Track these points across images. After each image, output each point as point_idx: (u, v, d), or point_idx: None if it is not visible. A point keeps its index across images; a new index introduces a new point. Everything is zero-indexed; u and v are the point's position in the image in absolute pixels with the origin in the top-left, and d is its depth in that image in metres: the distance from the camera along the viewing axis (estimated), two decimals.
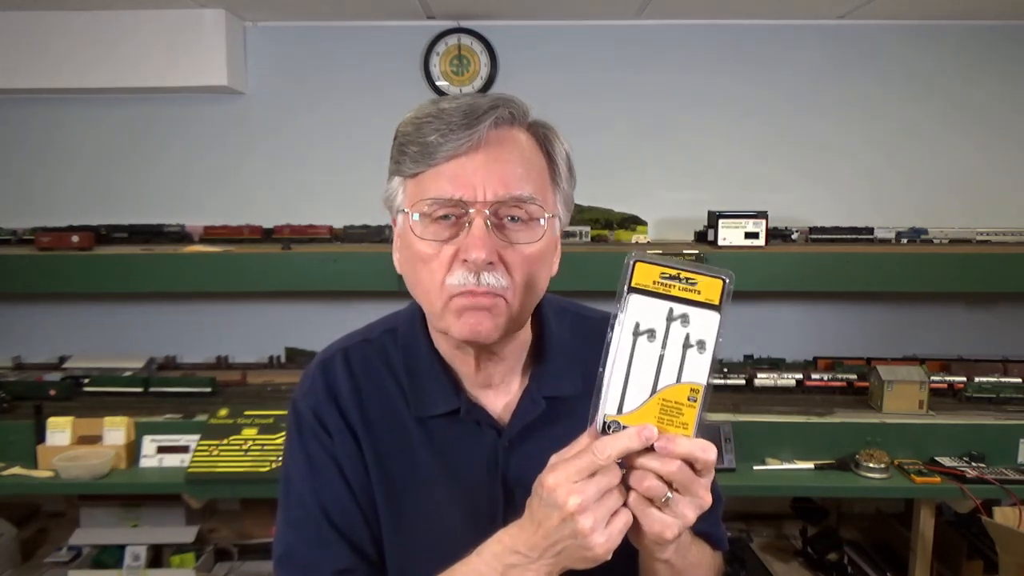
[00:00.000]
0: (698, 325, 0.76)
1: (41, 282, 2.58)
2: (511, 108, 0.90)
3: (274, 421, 2.35)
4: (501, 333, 0.90)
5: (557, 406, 0.98)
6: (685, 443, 0.75)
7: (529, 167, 0.90)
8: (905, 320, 3.04)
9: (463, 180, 0.87)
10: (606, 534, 0.75)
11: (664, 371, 0.76)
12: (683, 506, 0.76)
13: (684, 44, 2.97)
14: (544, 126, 0.94)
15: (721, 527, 1.07)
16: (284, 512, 1.00)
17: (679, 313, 0.76)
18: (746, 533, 2.83)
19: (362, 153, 2.95)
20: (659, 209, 2.98)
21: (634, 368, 0.76)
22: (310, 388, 1.01)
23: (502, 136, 0.89)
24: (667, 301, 0.76)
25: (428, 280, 0.90)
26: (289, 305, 3.05)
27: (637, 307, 0.76)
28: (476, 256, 0.86)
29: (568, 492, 0.74)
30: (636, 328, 0.76)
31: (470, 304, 0.88)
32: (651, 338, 0.76)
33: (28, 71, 2.79)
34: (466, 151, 0.87)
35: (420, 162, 0.89)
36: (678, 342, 0.76)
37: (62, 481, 2.27)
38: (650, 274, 0.76)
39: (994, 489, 2.20)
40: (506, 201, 0.88)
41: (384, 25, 2.96)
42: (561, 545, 0.77)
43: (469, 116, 0.87)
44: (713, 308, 0.76)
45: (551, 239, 0.93)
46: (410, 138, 0.90)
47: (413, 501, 0.98)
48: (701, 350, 0.76)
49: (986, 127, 2.97)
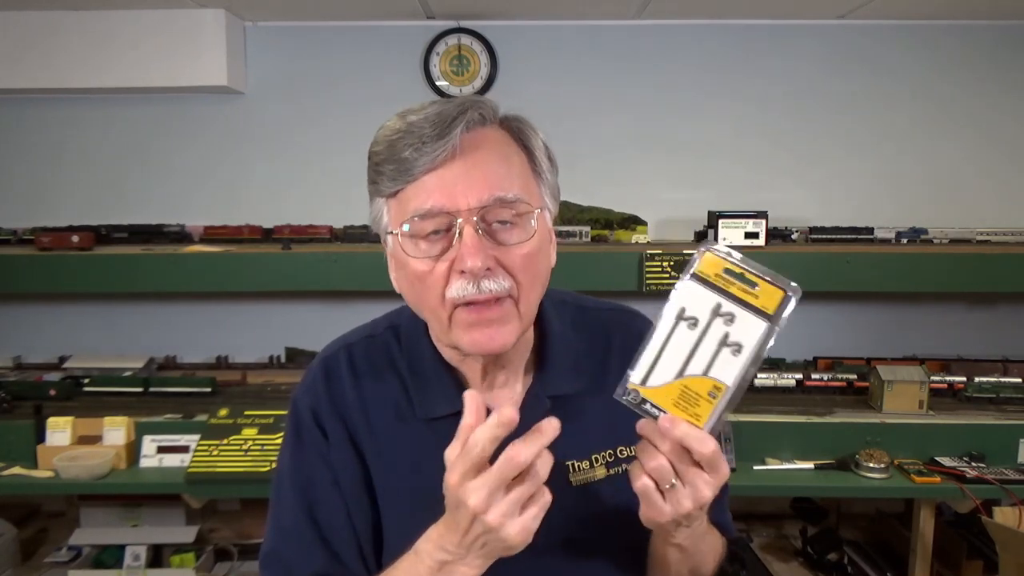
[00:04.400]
0: (741, 327, 0.75)
1: (41, 282, 2.58)
2: (480, 109, 0.87)
3: (274, 421, 2.35)
4: (513, 341, 0.89)
5: (562, 404, 0.97)
6: (683, 427, 0.75)
7: (509, 166, 0.89)
8: (905, 320, 3.04)
9: (445, 191, 0.85)
10: (519, 524, 0.75)
11: (694, 360, 0.76)
12: (681, 495, 0.77)
13: (684, 44, 2.97)
14: (517, 119, 0.93)
15: (728, 514, 1.08)
16: (274, 512, 1.00)
17: (726, 310, 0.76)
18: (746, 533, 2.83)
19: (362, 153, 2.93)
20: (659, 209, 2.98)
21: (668, 348, 0.76)
22: (310, 385, 1.01)
23: (476, 139, 0.87)
24: (719, 296, 0.76)
25: (429, 297, 0.89)
26: (289, 305, 3.05)
27: (687, 293, 0.77)
28: (472, 264, 0.84)
29: (466, 492, 0.74)
30: (681, 312, 0.76)
31: (476, 320, 0.87)
32: (692, 326, 0.76)
33: (28, 71, 2.79)
34: (443, 162, 0.85)
35: (398, 179, 0.88)
36: (716, 337, 0.76)
37: (62, 481, 2.27)
38: (715, 266, 0.76)
39: (994, 489, 2.20)
40: (492, 205, 0.86)
41: (384, 25, 2.97)
42: (481, 540, 0.77)
43: (439, 125, 0.85)
44: (764, 316, 0.75)
45: (544, 233, 0.92)
46: (383, 157, 0.89)
47: (415, 500, 0.97)
48: (736, 352, 0.75)
49: (987, 127, 2.97)
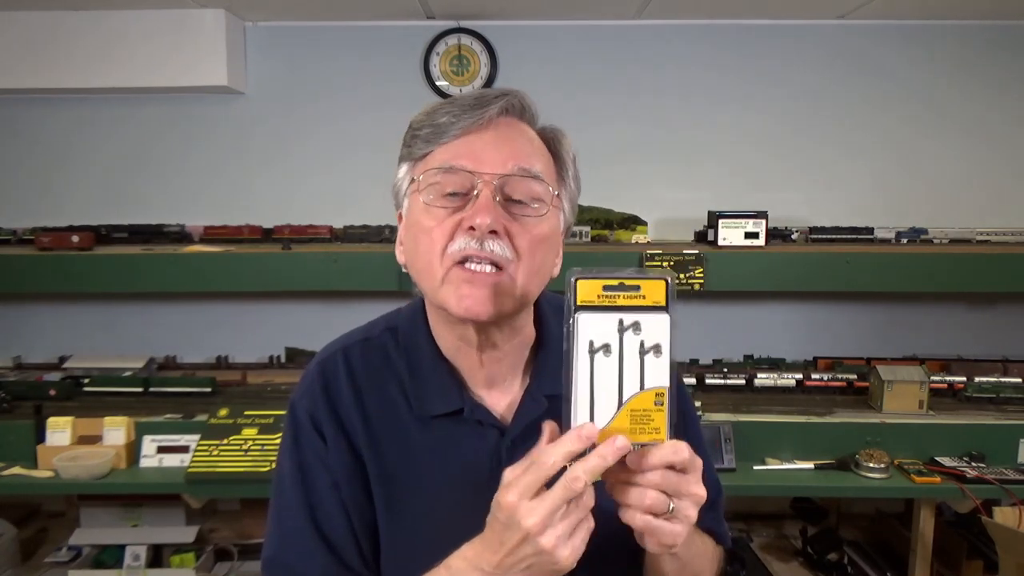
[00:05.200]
0: (650, 330, 0.75)
1: (41, 282, 2.58)
2: (521, 100, 0.93)
3: (274, 421, 2.35)
4: (500, 310, 0.89)
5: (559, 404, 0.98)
6: (655, 453, 0.74)
7: (538, 151, 0.93)
8: (905, 320, 3.04)
9: (472, 155, 0.89)
10: (570, 546, 0.74)
11: (627, 382, 0.75)
12: (685, 509, 0.76)
13: (684, 44, 2.97)
14: (553, 129, 0.97)
15: (724, 524, 1.07)
16: (274, 515, 1.00)
17: (630, 322, 0.75)
18: (746, 533, 2.83)
19: (362, 153, 2.96)
20: (659, 209, 2.98)
21: (597, 384, 0.76)
22: (308, 389, 1.01)
23: (511, 123, 0.92)
24: (615, 312, 0.75)
25: (428, 249, 0.89)
26: (289, 305, 3.05)
27: (587, 324, 0.76)
28: (481, 221, 0.85)
29: (526, 511, 0.73)
30: (591, 346, 0.76)
31: (470, 279, 0.87)
32: (607, 352, 0.75)
33: (27, 71, 2.79)
34: (475, 129, 0.90)
35: (431, 142, 0.91)
36: (634, 351, 0.75)
37: (62, 481, 2.27)
38: (593, 289, 0.76)
39: (994, 489, 2.20)
40: (514, 174, 0.88)
41: (384, 25, 2.96)
42: (527, 563, 0.76)
43: (480, 100, 0.90)
44: (661, 310, 0.75)
45: (556, 225, 0.94)
46: (422, 123, 0.93)
47: (414, 500, 0.97)
48: (658, 354, 0.75)
49: (987, 126, 2.97)
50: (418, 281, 0.95)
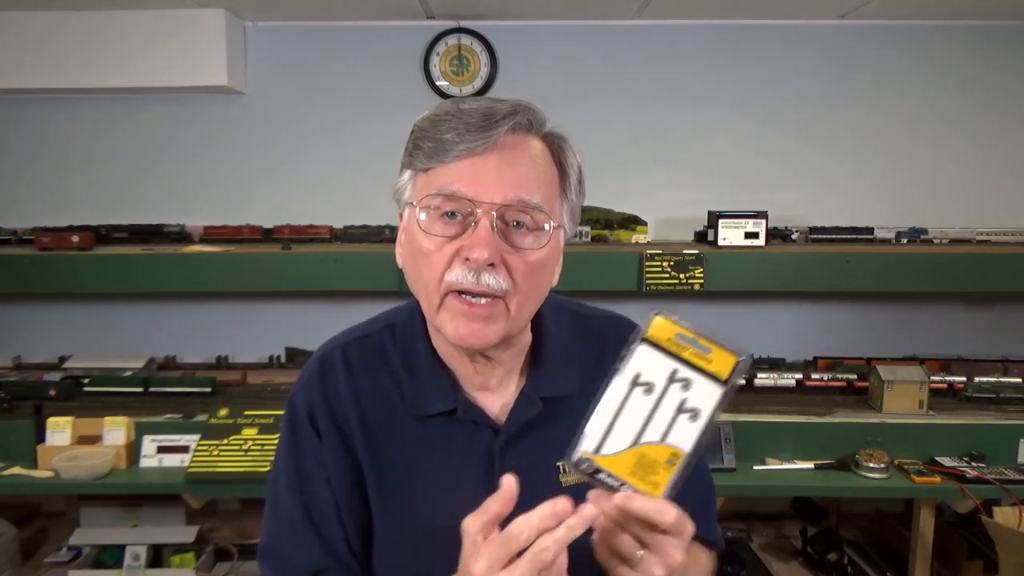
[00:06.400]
0: (698, 394, 0.74)
1: (41, 282, 2.58)
2: (530, 116, 0.90)
3: (274, 421, 2.35)
4: (496, 340, 0.90)
5: (554, 406, 0.98)
6: (640, 502, 0.72)
7: (540, 175, 0.91)
8: (905, 320, 3.04)
9: (474, 179, 0.87)
10: None
11: (650, 427, 0.74)
12: (651, 564, 0.73)
13: (684, 44, 2.97)
14: (559, 137, 0.95)
15: (717, 529, 1.07)
16: (270, 507, 1.02)
17: (682, 376, 0.74)
18: (746, 533, 2.83)
19: (362, 153, 2.96)
20: (659, 209, 2.98)
21: (622, 415, 0.74)
22: (306, 384, 1.02)
23: (517, 142, 0.90)
24: (674, 361, 0.74)
25: (428, 275, 0.90)
26: (289, 305, 3.05)
27: (643, 359, 0.74)
28: (478, 255, 0.85)
29: None
30: (636, 379, 0.74)
31: (465, 312, 0.88)
32: (647, 392, 0.74)
33: (27, 71, 2.79)
34: (480, 152, 0.87)
35: (433, 158, 0.89)
36: (673, 404, 0.74)
37: (62, 481, 2.27)
38: (667, 330, 0.74)
39: (994, 489, 2.20)
40: (514, 204, 0.87)
41: (384, 25, 2.96)
42: None
43: (488, 119, 0.87)
44: (719, 382, 0.74)
45: (555, 248, 0.94)
46: (426, 134, 0.90)
47: (408, 499, 0.98)
48: (693, 419, 0.73)
49: (987, 127, 2.97)
50: (417, 297, 0.96)
